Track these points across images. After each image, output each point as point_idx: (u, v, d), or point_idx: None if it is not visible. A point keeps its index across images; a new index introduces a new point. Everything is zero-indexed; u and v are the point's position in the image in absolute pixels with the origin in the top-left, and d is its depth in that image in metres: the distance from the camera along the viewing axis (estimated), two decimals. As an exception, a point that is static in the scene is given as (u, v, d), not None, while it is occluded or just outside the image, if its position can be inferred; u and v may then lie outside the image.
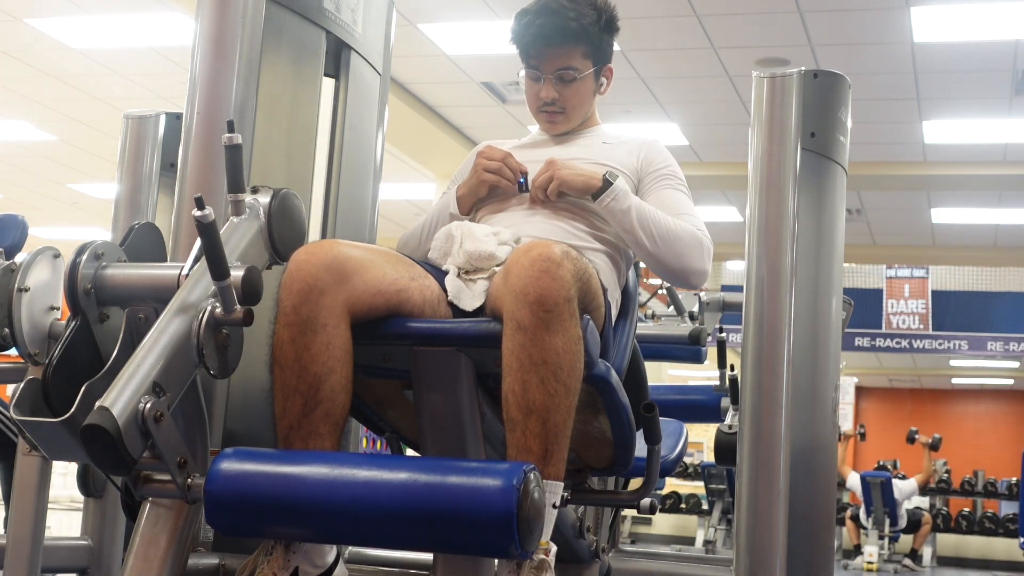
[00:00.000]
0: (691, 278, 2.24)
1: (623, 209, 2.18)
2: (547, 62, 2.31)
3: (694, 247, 2.21)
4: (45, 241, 2.24)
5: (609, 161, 2.31)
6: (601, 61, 2.36)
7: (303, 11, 2.43)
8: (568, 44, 2.29)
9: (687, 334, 4.06)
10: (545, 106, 2.35)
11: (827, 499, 2.50)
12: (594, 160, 2.30)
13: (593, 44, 2.32)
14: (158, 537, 1.77)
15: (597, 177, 2.19)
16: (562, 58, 2.30)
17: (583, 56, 2.32)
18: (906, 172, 9.74)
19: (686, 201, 2.31)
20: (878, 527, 11.66)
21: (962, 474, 13.90)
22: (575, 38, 2.29)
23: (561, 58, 2.30)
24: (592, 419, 1.99)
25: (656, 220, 2.20)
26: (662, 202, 2.27)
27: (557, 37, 2.29)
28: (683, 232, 2.21)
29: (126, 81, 8.59)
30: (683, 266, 2.21)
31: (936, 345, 13.03)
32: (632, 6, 6.78)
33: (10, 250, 2.10)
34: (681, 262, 2.20)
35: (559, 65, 2.30)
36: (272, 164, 2.36)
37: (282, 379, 1.83)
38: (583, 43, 2.30)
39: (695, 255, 2.21)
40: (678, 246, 2.19)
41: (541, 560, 1.73)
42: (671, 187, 2.32)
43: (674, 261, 2.20)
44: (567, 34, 2.28)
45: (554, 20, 2.28)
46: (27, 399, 1.72)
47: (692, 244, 2.21)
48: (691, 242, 2.21)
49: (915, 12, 6.75)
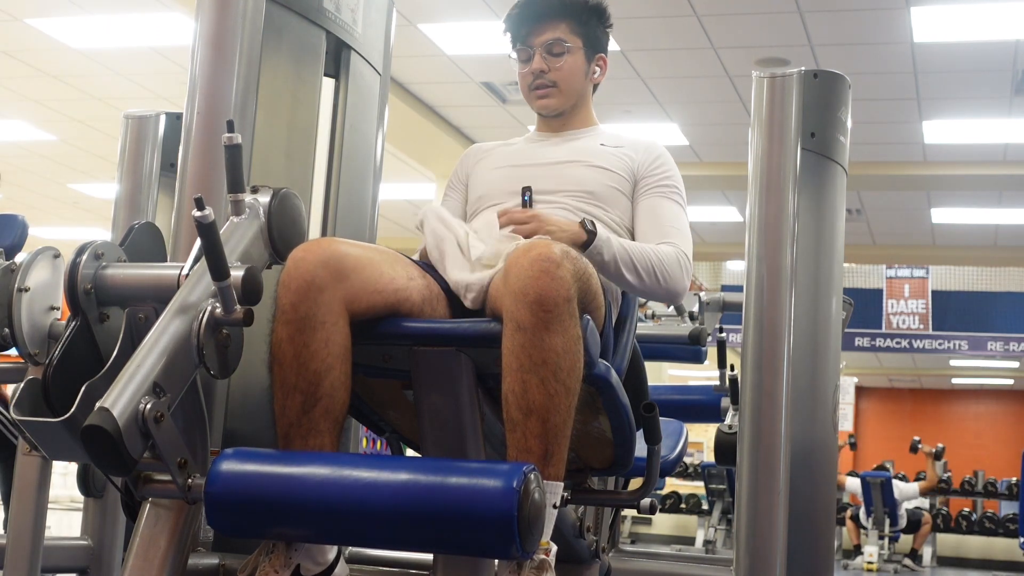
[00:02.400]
0: (674, 299, 2.29)
1: (606, 261, 2.15)
2: (535, 36, 2.36)
3: (675, 272, 2.22)
4: (45, 241, 2.25)
5: (604, 163, 2.31)
6: (591, 45, 2.40)
7: (303, 11, 2.43)
8: (554, 18, 2.36)
9: (687, 334, 4.06)
10: (536, 81, 2.37)
11: (827, 499, 2.50)
12: (590, 163, 2.31)
13: (580, 21, 2.37)
14: (158, 537, 1.77)
15: (579, 233, 2.12)
16: (549, 31, 2.36)
17: (570, 31, 2.37)
18: (906, 172, 9.74)
19: (678, 214, 2.31)
20: (878, 527, 11.66)
21: (962, 474, 13.90)
22: (561, 11, 2.36)
23: (548, 31, 2.36)
24: (592, 419, 1.99)
25: (637, 256, 2.18)
26: (653, 212, 2.28)
27: (544, 11, 2.36)
28: (666, 259, 2.21)
29: (126, 81, 8.59)
30: (667, 290, 2.23)
31: (936, 345, 13.04)
32: (632, 6, 6.79)
33: (10, 250, 2.10)
34: (665, 287, 2.22)
35: (547, 38, 2.35)
36: (272, 164, 2.36)
37: (281, 377, 1.83)
38: (570, 18, 2.37)
39: (676, 279, 2.23)
40: (662, 275, 2.20)
41: (542, 560, 1.72)
42: (665, 197, 2.31)
43: (658, 289, 2.22)
44: (552, 7, 2.36)
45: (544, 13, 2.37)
46: (27, 399, 1.72)
47: (673, 269, 2.22)
48: (673, 268, 2.22)
49: (915, 12, 6.75)
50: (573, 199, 2.26)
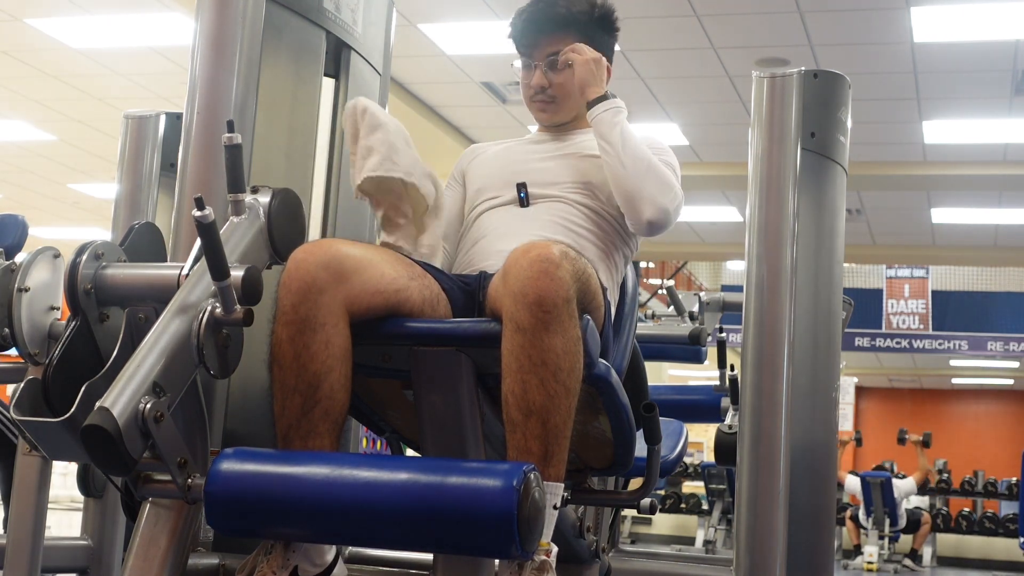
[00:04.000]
0: (645, 208, 2.18)
1: (614, 121, 2.21)
2: (537, 49, 2.34)
3: (666, 186, 2.19)
4: (45, 241, 2.24)
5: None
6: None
7: (303, 11, 2.43)
8: (558, 31, 2.33)
9: (687, 334, 4.07)
10: (536, 94, 2.36)
11: (827, 499, 2.50)
12: (585, 153, 2.30)
13: (584, 34, 2.34)
14: (158, 537, 1.77)
15: (602, 89, 2.25)
16: (551, 44, 2.33)
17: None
18: (906, 172, 9.73)
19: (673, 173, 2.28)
20: (878, 527, 11.66)
21: (962, 474, 13.89)
22: (564, 24, 2.33)
23: (550, 44, 2.33)
24: (592, 419, 1.99)
25: (638, 143, 2.21)
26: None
27: (546, 24, 2.33)
28: (665, 172, 2.21)
29: (126, 81, 8.59)
30: (649, 196, 2.16)
31: (936, 345, 13.05)
32: (632, 6, 6.78)
33: (10, 250, 2.10)
34: (648, 191, 2.17)
35: (548, 51, 2.33)
36: (272, 164, 2.36)
37: (281, 378, 1.83)
38: (573, 31, 2.33)
39: (661, 189, 2.18)
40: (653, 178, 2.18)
41: (543, 561, 1.72)
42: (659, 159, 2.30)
43: (642, 187, 2.17)
44: (556, 20, 2.33)
45: (544, 8, 2.34)
46: (27, 399, 1.72)
47: (663, 180, 2.19)
48: (663, 179, 2.19)
49: (915, 12, 6.75)
50: (570, 191, 2.26)
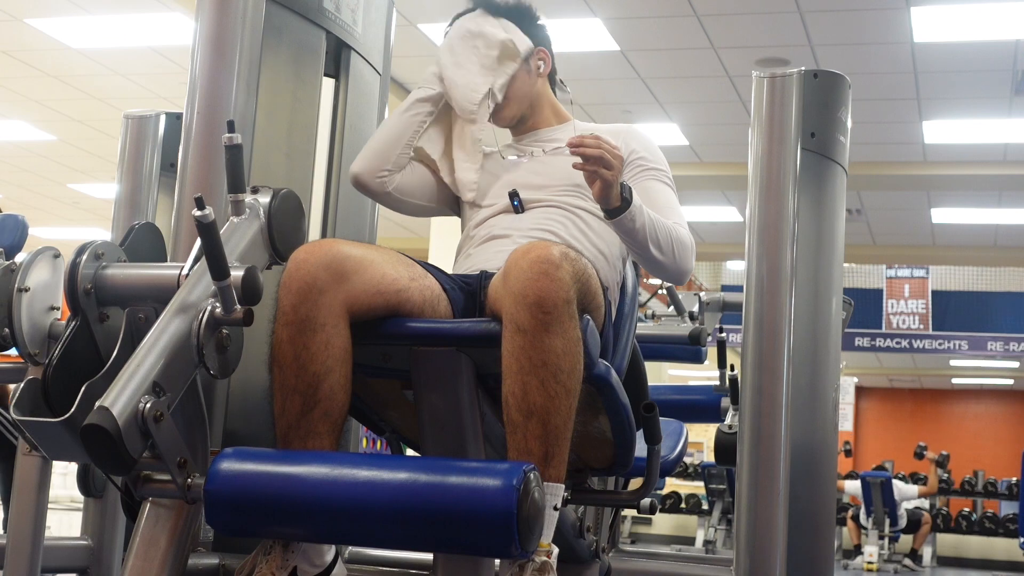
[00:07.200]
0: (682, 278, 2.24)
1: (636, 228, 2.09)
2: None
3: (687, 250, 2.19)
4: (45, 241, 2.24)
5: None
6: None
7: (303, 11, 2.43)
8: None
9: (687, 334, 4.06)
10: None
11: (827, 499, 2.50)
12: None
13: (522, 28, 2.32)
14: (158, 537, 1.76)
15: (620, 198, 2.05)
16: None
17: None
18: (906, 172, 9.74)
19: (671, 196, 2.27)
20: (878, 527, 11.66)
21: (962, 474, 13.90)
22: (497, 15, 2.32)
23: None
24: (592, 419, 1.99)
25: (661, 229, 2.13)
26: (648, 195, 2.20)
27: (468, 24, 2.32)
28: (681, 237, 2.18)
29: (126, 81, 8.59)
30: (679, 269, 2.19)
31: (936, 345, 13.04)
32: (632, 6, 6.79)
33: (10, 250, 2.10)
34: (676, 265, 2.18)
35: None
36: (272, 164, 2.36)
37: (281, 378, 1.83)
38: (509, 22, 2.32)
39: (687, 258, 2.19)
40: (679, 251, 2.17)
41: (543, 562, 1.72)
42: (656, 179, 2.27)
43: (672, 265, 2.17)
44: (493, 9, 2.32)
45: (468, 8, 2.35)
46: (27, 399, 1.72)
47: (686, 248, 2.19)
48: (686, 246, 2.19)
49: (915, 12, 6.75)
50: (561, 193, 2.25)
